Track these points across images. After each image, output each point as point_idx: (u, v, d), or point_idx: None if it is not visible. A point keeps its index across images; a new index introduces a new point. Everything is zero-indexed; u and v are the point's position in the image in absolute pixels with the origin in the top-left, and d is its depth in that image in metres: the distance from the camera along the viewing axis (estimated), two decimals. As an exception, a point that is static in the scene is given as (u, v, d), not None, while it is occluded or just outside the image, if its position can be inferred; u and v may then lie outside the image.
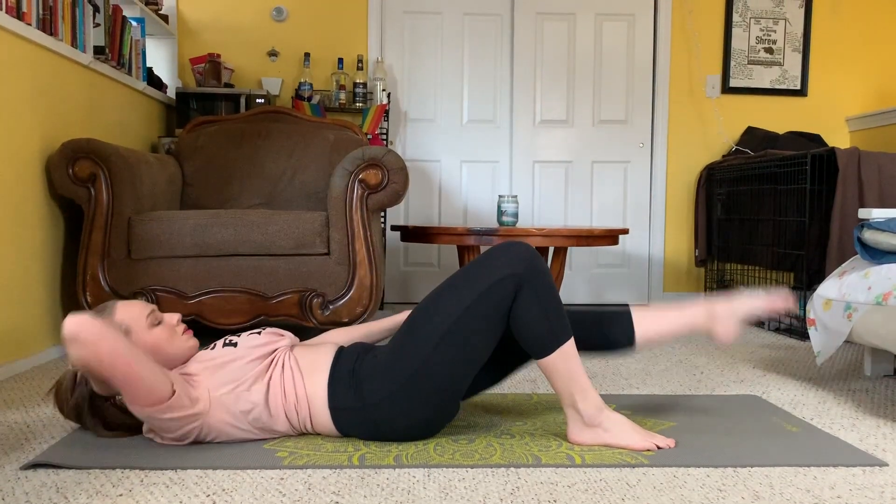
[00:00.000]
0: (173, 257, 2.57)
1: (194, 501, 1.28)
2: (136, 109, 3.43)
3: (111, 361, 1.35)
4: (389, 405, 1.54)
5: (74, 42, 2.73)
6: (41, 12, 2.50)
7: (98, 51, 2.97)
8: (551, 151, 4.24)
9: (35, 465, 1.44)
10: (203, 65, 3.82)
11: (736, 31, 4.19)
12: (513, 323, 1.55)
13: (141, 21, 3.44)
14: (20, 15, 2.35)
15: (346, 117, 4.04)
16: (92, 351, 1.34)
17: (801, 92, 4.24)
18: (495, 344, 1.57)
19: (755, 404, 1.98)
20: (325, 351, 1.62)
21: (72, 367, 1.50)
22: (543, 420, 1.80)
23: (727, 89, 4.21)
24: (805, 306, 2.91)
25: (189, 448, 1.53)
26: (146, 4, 3.63)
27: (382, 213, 3.88)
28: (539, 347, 1.54)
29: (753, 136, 4.15)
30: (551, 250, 4.37)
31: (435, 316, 1.52)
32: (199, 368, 1.54)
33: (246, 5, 4.02)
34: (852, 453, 1.56)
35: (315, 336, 2.10)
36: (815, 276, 3.23)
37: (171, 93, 3.86)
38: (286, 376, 1.56)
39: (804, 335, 3.17)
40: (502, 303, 1.53)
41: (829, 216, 3.15)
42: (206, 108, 3.70)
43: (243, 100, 3.71)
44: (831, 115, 4.29)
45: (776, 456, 1.54)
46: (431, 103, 4.18)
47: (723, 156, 4.21)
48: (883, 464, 1.51)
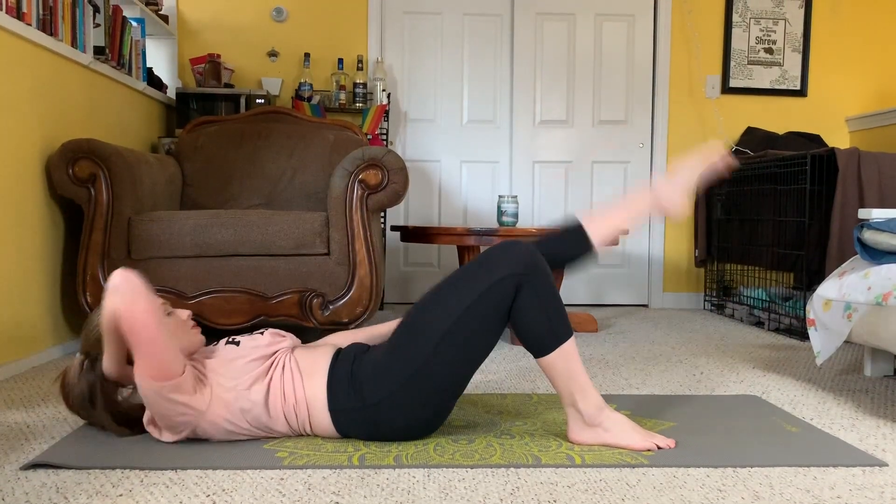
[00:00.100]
0: (173, 257, 2.57)
1: (194, 501, 1.28)
2: (136, 110, 3.43)
3: (143, 320, 1.39)
4: (390, 405, 1.54)
5: (74, 42, 2.73)
6: (41, 12, 2.50)
7: (98, 51, 2.97)
8: (551, 151, 4.24)
9: (35, 466, 1.44)
10: (203, 65, 3.82)
11: (736, 32, 4.19)
12: (513, 322, 1.56)
13: (141, 21, 3.45)
14: (20, 15, 2.35)
15: (346, 117, 4.04)
16: (129, 304, 1.38)
17: (801, 92, 4.24)
18: (496, 343, 1.57)
19: (755, 404, 1.98)
20: (324, 353, 1.62)
21: (99, 322, 1.50)
22: (543, 420, 1.80)
23: (727, 89, 4.21)
24: (805, 306, 2.92)
25: (189, 448, 1.53)
26: (146, 4, 3.63)
27: (382, 214, 3.88)
28: (539, 347, 1.55)
29: (753, 137, 4.15)
30: (551, 250, 4.37)
31: (435, 315, 1.52)
32: (204, 362, 1.56)
33: (246, 5, 4.03)
34: (852, 453, 1.56)
35: (317, 339, 2.10)
36: (815, 277, 3.23)
37: (171, 93, 3.86)
38: (286, 378, 1.56)
39: (804, 335, 3.17)
40: (502, 302, 1.53)
41: (829, 216, 3.15)
42: (206, 109, 3.70)
43: (243, 100, 3.71)
44: (831, 116, 4.29)
45: (776, 456, 1.54)
46: (431, 103, 4.18)
47: (723, 156, 4.21)
48: (883, 464, 1.51)
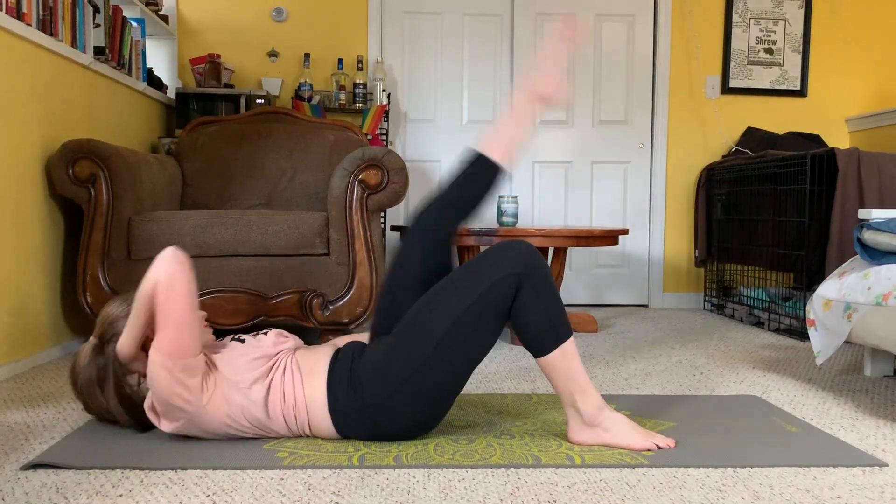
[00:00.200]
0: (173, 257, 2.57)
1: (194, 501, 1.28)
2: (136, 110, 3.43)
3: (182, 290, 1.46)
4: (390, 404, 1.54)
5: (74, 42, 2.73)
6: (41, 13, 2.50)
7: (98, 51, 2.97)
8: (551, 152, 4.24)
9: (35, 466, 1.45)
10: (203, 65, 3.82)
11: (736, 32, 4.19)
12: (513, 321, 1.56)
13: (141, 21, 3.45)
14: (20, 15, 2.35)
15: (346, 118, 4.04)
16: (173, 274, 1.46)
17: (801, 92, 4.24)
18: (495, 341, 1.58)
19: (755, 404, 1.98)
20: (323, 354, 1.62)
21: (144, 284, 1.52)
22: (543, 420, 1.80)
23: (727, 90, 4.21)
24: (805, 307, 2.92)
25: (189, 448, 1.54)
26: (146, 5, 3.63)
27: (382, 214, 3.88)
28: (538, 346, 1.55)
29: (753, 137, 4.15)
30: (551, 251, 4.37)
31: (435, 315, 1.52)
32: (211, 357, 1.57)
33: (246, 5, 4.03)
34: (852, 453, 1.57)
35: (317, 339, 2.10)
36: (815, 277, 3.24)
37: (172, 93, 3.86)
38: (286, 379, 1.56)
39: (804, 335, 3.17)
40: (502, 302, 1.53)
41: (829, 216, 3.15)
42: (206, 109, 3.70)
43: (243, 100, 3.71)
44: (831, 116, 4.29)
45: (776, 456, 1.54)
46: (431, 103, 4.18)
47: (723, 156, 4.21)
48: (883, 464, 1.51)
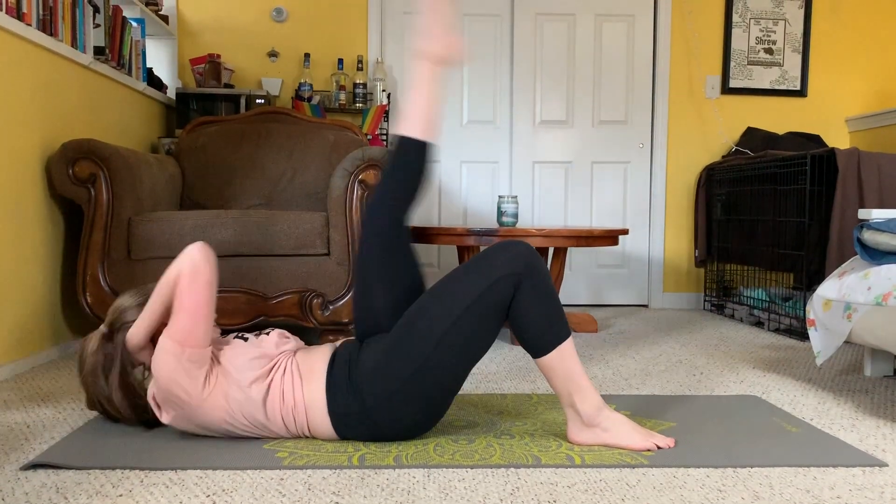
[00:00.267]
0: (173, 258, 2.56)
1: (194, 501, 1.28)
2: (136, 110, 3.43)
3: (204, 281, 1.51)
4: (390, 405, 1.54)
5: (74, 42, 2.73)
6: (41, 13, 2.50)
7: (98, 51, 2.97)
8: (551, 152, 4.24)
9: (35, 466, 1.45)
10: (203, 65, 3.82)
11: (736, 32, 4.19)
12: (511, 322, 1.56)
13: (141, 21, 3.45)
14: (20, 15, 2.35)
15: (346, 118, 4.04)
16: (199, 266, 1.51)
17: (801, 92, 4.24)
18: (493, 340, 1.58)
19: (755, 404, 1.98)
20: (321, 356, 1.61)
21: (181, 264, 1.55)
22: (543, 420, 1.80)
23: (727, 90, 4.21)
24: (805, 307, 2.92)
25: (189, 448, 1.54)
26: (146, 5, 3.63)
27: (382, 214, 3.88)
28: (537, 347, 1.55)
29: (753, 137, 4.15)
30: (551, 251, 4.37)
31: (434, 315, 1.52)
32: (215, 352, 1.58)
33: (246, 5, 4.03)
34: (852, 453, 1.56)
35: (317, 339, 2.09)
36: (815, 277, 3.24)
37: (172, 93, 3.86)
38: (286, 380, 1.56)
39: (804, 335, 3.17)
40: (501, 302, 1.53)
41: (829, 217, 3.15)
42: (206, 109, 3.70)
43: (243, 100, 3.71)
44: (831, 116, 4.29)
45: (776, 456, 1.54)
46: (431, 104, 4.17)
47: (723, 156, 4.21)
48: (883, 464, 1.51)
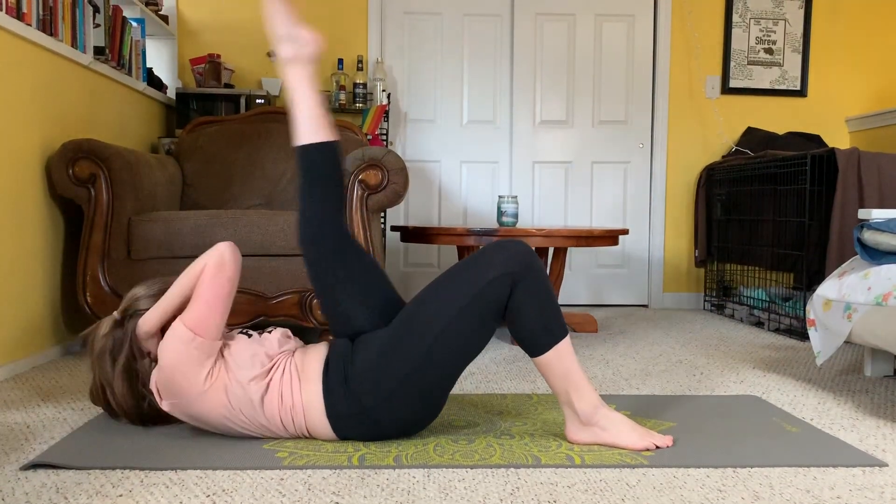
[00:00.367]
0: (173, 257, 2.57)
1: (194, 501, 1.28)
2: (136, 110, 3.43)
3: (227, 277, 1.56)
4: (388, 405, 1.54)
5: (74, 42, 2.73)
6: (41, 13, 2.50)
7: (98, 51, 2.97)
8: (551, 152, 4.24)
9: (35, 466, 1.44)
10: (203, 65, 3.82)
11: (736, 32, 4.19)
12: (508, 321, 1.56)
13: (141, 21, 3.44)
14: (20, 15, 2.35)
15: (346, 118, 4.04)
16: (225, 262, 1.56)
17: (801, 92, 4.24)
18: (490, 337, 1.58)
19: (755, 404, 1.98)
20: (316, 357, 1.60)
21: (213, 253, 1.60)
22: (543, 420, 1.80)
23: (727, 90, 4.21)
24: (805, 307, 2.92)
25: (189, 448, 1.54)
26: (146, 5, 3.63)
27: (382, 214, 3.88)
28: (534, 346, 1.55)
29: (753, 137, 4.15)
30: (551, 251, 4.37)
31: (430, 315, 1.53)
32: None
33: (246, 5, 4.03)
34: (852, 453, 1.56)
35: (317, 339, 2.10)
36: (815, 277, 3.23)
37: (171, 93, 3.86)
38: (285, 380, 1.56)
39: (804, 335, 3.17)
40: (497, 301, 1.53)
41: (829, 216, 3.15)
42: (206, 109, 3.70)
43: (243, 100, 3.71)
44: (831, 116, 4.29)
45: (776, 456, 1.54)
46: (431, 104, 4.18)
47: (723, 156, 4.21)
48: (883, 464, 1.51)
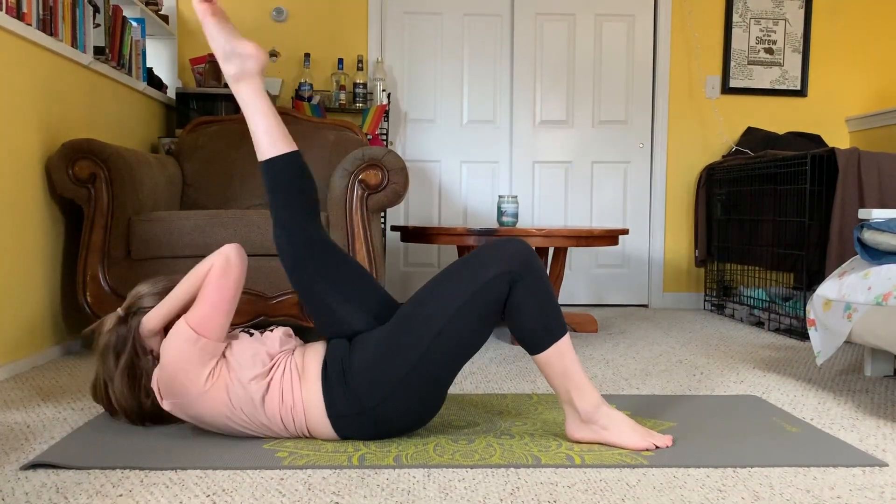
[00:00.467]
0: (173, 257, 2.57)
1: (194, 501, 1.28)
2: (136, 110, 3.43)
3: (233, 278, 1.57)
4: (389, 404, 1.54)
5: (74, 42, 2.73)
6: (41, 12, 2.50)
7: (98, 51, 2.97)
8: (551, 152, 4.24)
9: (35, 465, 1.44)
10: (203, 65, 3.82)
11: (736, 32, 4.19)
12: (507, 320, 1.56)
13: (141, 21, 3.44)
14: (20, 15, 2.35)
15: (346, 118, 4.04)
16: (232, 264, 1.58)
17: (801, 92, 4.24)
18: (489, 335, 1.58)
19: (755, 404, 1.98)
20: (314, 356, 1.60)
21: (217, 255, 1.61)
22: (543, 420, 1.80)
23: (727, 90, 4.21)
24: (805, 307, 2.92)
25: (189, 448, 1.54)
26: (146, 5, 3.63)
27: (382, 214, 3.88)
28: (533, 344, 1.55)
29: (753, 137, 4.15)
30: (551, 251, 4.37)
31: (429, 313, 1.53)
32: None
33: (246, 5, 4.03)
34: (852, 453, 1.56)
35: (317, 339, 2.10)
36: (815, 277, 3.24)
37: (172, 93, 3.86)
38: (285, 379, 1.56)
39: (804, 335, 3.17)
40: (497, 299, 1.53)
41: (829, 216, 3.15)
42: (206, 109, 3.70)
43: (243, 100, 3.70)
44: (831, 116, 4.29)
45: (776, 456, 1.54)
46: (431, 104, 4.18)
47: (723, 156, 4.21)
48: (883, 464, 1.51)
